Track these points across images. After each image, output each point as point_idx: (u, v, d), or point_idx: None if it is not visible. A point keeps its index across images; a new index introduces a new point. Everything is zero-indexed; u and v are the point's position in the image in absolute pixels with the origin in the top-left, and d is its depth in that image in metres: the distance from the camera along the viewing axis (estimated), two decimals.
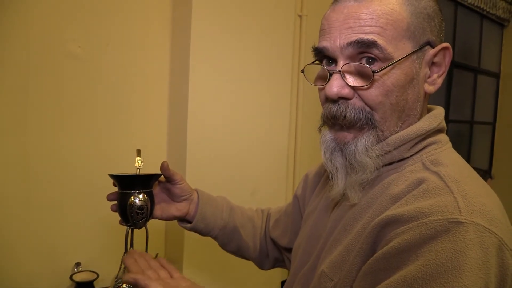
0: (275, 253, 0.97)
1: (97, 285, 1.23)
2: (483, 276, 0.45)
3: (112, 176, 0.81)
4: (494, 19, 3.16)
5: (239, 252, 0.97)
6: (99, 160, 1.30)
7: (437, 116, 0.63)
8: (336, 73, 0.59)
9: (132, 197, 0.79)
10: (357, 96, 0.59)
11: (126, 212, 0.80)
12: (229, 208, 0.95)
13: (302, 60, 1.72)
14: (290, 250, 0.88)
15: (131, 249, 0.82)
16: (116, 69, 1.33)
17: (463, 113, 3.13)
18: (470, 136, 3.21)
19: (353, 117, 0.58)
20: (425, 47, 0.59)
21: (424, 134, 0.60)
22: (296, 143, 1.76)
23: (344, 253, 0.59)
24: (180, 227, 0.93)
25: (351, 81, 0.58)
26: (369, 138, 0.59)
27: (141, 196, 0.80)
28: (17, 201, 1.18)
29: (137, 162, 0.84)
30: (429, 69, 0.61)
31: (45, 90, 1.20)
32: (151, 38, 1.40)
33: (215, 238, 0.94)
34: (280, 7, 1.55)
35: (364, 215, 0.60)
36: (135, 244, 0.85)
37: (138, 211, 0.80)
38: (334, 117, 0.60)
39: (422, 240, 0.48)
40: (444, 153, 0.61)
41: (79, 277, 1.22)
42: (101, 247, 1.32)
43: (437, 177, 0.54)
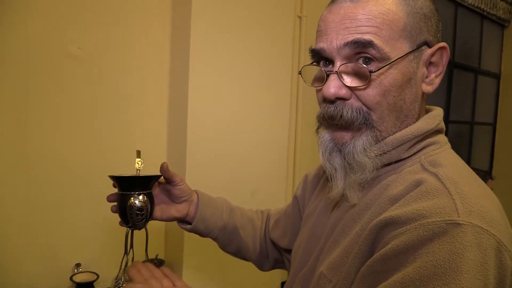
0: (275, 254, 0.97)
1: (97, 286, 1.23)
2: (481, 277, 0.44)
3: (112, 177, 0.81)
4: (494, 20, 3.16)
5: (239, 253, 0.97)
6: (99, 161, 1.30)
7: (435, 116, 0.63)
8: (333, 74, 0.59)
9: (132, 198, 0.79)
10: (355, 96, 0.59)
11: (126, 213, 0.80)
12: (229, 209, 0.95)
13: (301, 61, 1.72)
14: (289, 251, 0.88)
15: (135, 261, 0.82)
16: (116, 70, 1.33)
17: (464, 114, 3.13)
18: (470, 137, 3.20)
19: (350, 117, 0.58)
20: (422, 47, 0.59)
21: (422, 134, 0.60)
22: (296, 144, 1.76)
23: (342, 255, 0.59)
24: (180, 228, 0.93)
25: (348, 81, 0.58)
26: (367, 138, 0.59)
27: (141, 197, 0.80)
28: (17, 202, 1.18)
29: (137, 163, 0.84)
30: (427, 69, 0.61)
31: (45, 91, 1.20)
32: (151, 39, 1.40)
33: (215, 239, 0.94)
34: (280, 8, 1.56)
35: (362, 216, 0.59)
36: (135, 245, 0.86)
37: (138, 212, 0.80)
38: (330, 117, 0.60)
39: (420, 242, 0.48)
40: (442, 154, 0.61)
41: (79, 278, 1.22)
42: (101, 248, 1.32)
43: (436, 178, 0.54)
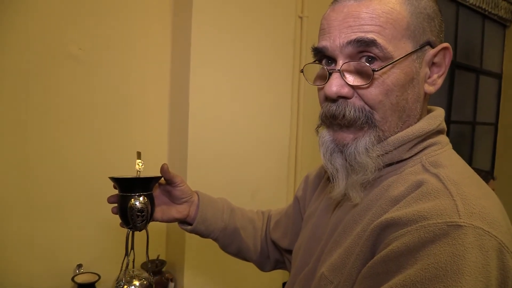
0: (276, 255, 0.97)
1: (98, 287, 1.23)
2: (483, 279, 0.44)
3: (112, 178, 0.81)
4: (496, 20, 3.15)
5: (240, 253, 0.97)
6: (99, 162, 1.30)
7: (437, 117, 0.62)
8: (335, 72, 0.58)
9: (132, 200, 0.79)
10: (357, 95, 0.58)
11: (126, 214, 0.80)
12: (229, 209, 0.95)
13: (302, 61, 1.72)
14: (290, 251, 0.88)
15: None
16: (116, 70, 1.33)
17: (465, 114, 3.12)
18: (472, 137, 3.20)
19: (353, 116, 0.58)
20: (425, 47, 0.59)
21: (423, 135, 0.60)
22: (297, 144, 1.76)
23: (344, 256, 0.59)
24: (181, 229, 0.93)
25: (351, 80, 0.58)
26: (369, 138, 0.58)
27: (141, 198, 0.80)
28: (18, 203, 1.18)
29: (138, 164, 0.84)
30: (429, 69, 0.61)
31: (45, 91, 1.20)
32: (151, 39, 1.40)
33: (215, 240, 0.94)
34: (280, 8, 1.55)
35: (363, 217, 0.59)
36: (136, 246, 0.85)
37: (138, 214, 0.80)
38: (332, 116, 0.60)
39: (420, 243, 0.47)
40: (444, 154, 0.60)
41: (80, 279, 1.22)
42: (102, 249, 1.32)
43: (437, 179, 0.54)
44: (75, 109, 1.26)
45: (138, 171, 0.83)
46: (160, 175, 0.84)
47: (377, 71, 0.56)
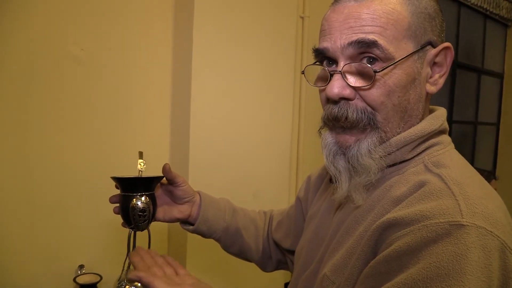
0: (278, 255, 0.97)
1: (100, 287, 1.23)
2: (485, 279, 0.44)
3: (114, 178, 0.81)
4: (497, 19, 3.15)
5: (242, 254, 0.97)
6: (101, 162, 1.30)
7: (439, 117, 0.62)
8: (337, 74, 0.58)
9: (134, 200, 0.79)
10: (359, 96, 0.58)
11: (128, 214, 0.80)
12: (231, 210, 0.95)
13: (304, 61, 1.72)
14: (293, 252, 0.88)
15: (138, 246, 0.82)
16: (118, 71, 1.33)
17: (467, 114, 3.12)
18: (474, 137, 3.19)
19: (355, 118, 0.58)
20: (427, 47, 0.59)
21: (426, 135, 0.60)
22: (298, 145, 1.76)
23: (345, 256, 0.59)
24: (182, 229, 0.93)
25: (352, 81, 0.58)
26: (372, 139, 0.58)
27: (143, 198, 0.80)
28: (20, 203, 1.18)
29: (139, 164, 0.84)
30: (431, 69, 0.61)
31: (47, 92, 1.20)
32: (153, 40, 1.41)
33: (217, 240, 0.94)
34: (282, 9, 1.55)
35: (366, 217, 0.59)
36: (138, 246, 0.86)
37: (140, 214, 0.80)
38: (335, 118, 0.60)
39: (423, 243, 0.47)
40: (446, 154, 0.60)
41: (82, 280, 1.22)
42: (104, 249, 1.32)
43: (439, 179, 0.54)
44: (76, 109, 1.26)
45: (140, 171, 0.84)
46: (162, 175, 0.84)
47: (379, 72, 0.56)
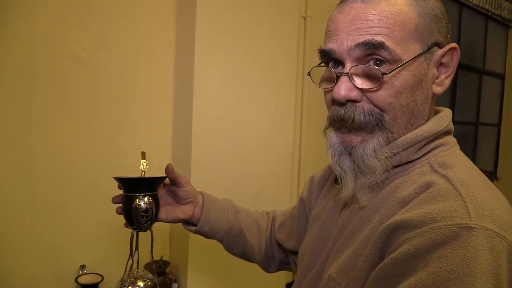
0: (281, 256, 0.97)
1: None
2: (494, 282, 0.44)
3: (117, 179, 0.81)
4: (499, 20, 3.14)
5: (245, 255, 0.97)
6: (104, 162, 1.30)
7: (445, 117, 0.62)
8: (344, 76, 0.58)
9: (137, 200, 0.79)
10: (365, 98, 0.58)
11: (131, 215, 0.79)
12: (234, 210, 0.94)
13: (306, 61, 1.72)
14: (296, 253, 0.87)
15: None
16: (120, 71, 1.33)
17: (468, 115, 3.11)
18: (475, 137, 3.19)
19: (363, 120, 0.58)
20: (433, 48, 0.59)
21: (432, 136, 0.59)
22: (300, 145, 1.76)
23: (352, 258, 0.58)
24: (185, 229, 0.92)
25: (359, 83, 0.57)
26: (378, 140, 0.58)
27: (146, 199, 0.79)
28: (22, 203, 1.18)
29: (142, 164, 0.84)
30: (437, 70, 0.61)
31: (49, 92, 1.20)
32: (155, 40, 1.40)
33: (220, 241, 0.93)
34: (284, 9, 1.55)
35: (372, 219, 0.59)
36: (140, 246, 0.85)
37: (143, 214, 0.79)
38: (341, 120, 0.59)
39: (431, 246, 0.47)
40: (452, 155, 0.60)
41: (84, 280, 1.21)
42: (106, 250, 1.32)
43: (446, 180, 0.53)
44: (78, 109, 1.26)
45: (142, 171, 0.83)
46: (165, 175, 0.83)
47: (387, 74, 0.55)
